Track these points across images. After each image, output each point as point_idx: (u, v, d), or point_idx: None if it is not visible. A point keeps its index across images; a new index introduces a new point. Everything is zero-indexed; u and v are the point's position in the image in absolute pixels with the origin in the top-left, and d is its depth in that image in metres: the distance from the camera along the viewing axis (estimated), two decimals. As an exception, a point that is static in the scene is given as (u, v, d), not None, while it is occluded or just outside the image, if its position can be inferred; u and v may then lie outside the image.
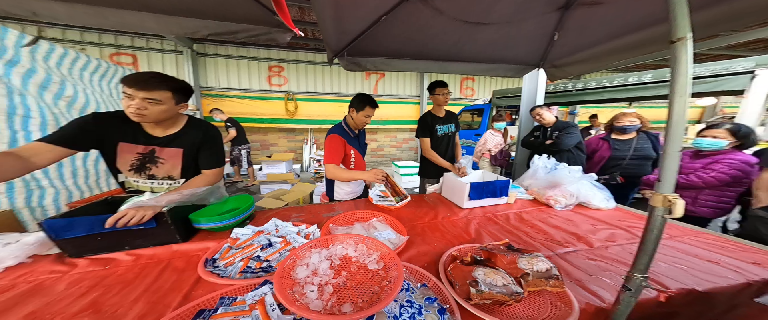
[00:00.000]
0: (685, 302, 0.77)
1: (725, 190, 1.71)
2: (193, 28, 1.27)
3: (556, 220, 1.32)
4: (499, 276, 0.74)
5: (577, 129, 2.54)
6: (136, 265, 0.94)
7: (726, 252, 1.00)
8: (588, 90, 3.76)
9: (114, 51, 5.26)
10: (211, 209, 1.27)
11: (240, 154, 4.77)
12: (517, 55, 1.86)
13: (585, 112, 6.70)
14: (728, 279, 0.82)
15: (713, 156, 1.74)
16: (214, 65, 5.95)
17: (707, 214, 1.77)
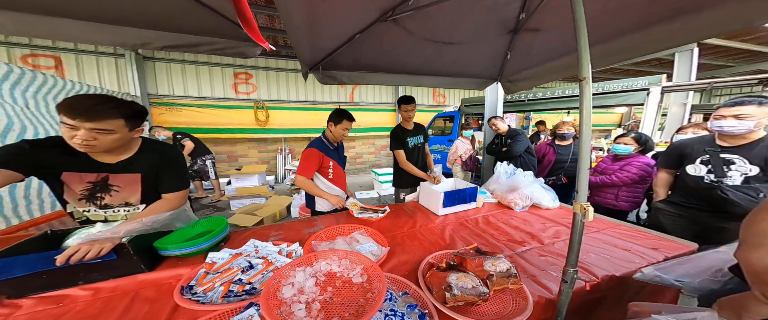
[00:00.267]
0: (608, 287, 0.95)
1: (636, 187, 2.09)
2: (143, 40, 1.18)
3: (515, 221, 1.49)
4: (469, 279, 0.84)
5: (524, 136, 2.92)
6: (97, 299, 0.88)
7: (636, 240, 1.23)
8: (536, 100, 4.36)
9: (28, 52, 4.35)
10: (178, 234, 1.21)
11: (205, 166, 4.29)
12: (478, 70, 2.06)
13: (538, 117, 7.48)
14: (636, 263, 1.03)
15: (626, 159, 2.13)
16: (167, 71, 5.33)
17: (626, 208, 2.14)
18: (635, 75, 7.64)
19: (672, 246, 1.18)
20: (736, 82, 3.15)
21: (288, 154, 6.42)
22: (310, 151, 1.69)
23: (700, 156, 1.49)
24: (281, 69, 6.17)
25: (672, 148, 1.70)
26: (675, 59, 4.15)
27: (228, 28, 1.22)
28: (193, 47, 1.27)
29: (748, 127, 1.31)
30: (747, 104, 1.31)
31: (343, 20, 1.28)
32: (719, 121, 1.38)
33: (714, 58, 6.39)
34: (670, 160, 1.66)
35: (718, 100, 9.28)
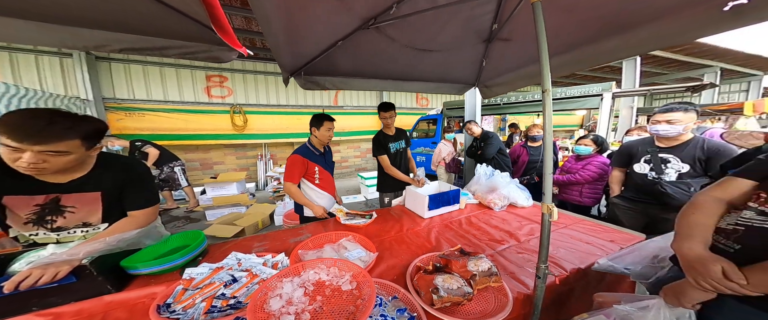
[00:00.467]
0: (575, 279, 1.04)
1: (596, 184, 2.32)
2: (96, 42, 1.06)
3: (495, 221, 1.58)
4: (454, 280, 0.88)
5: (496, 139, 3.11)
6: (58, 325, 0.81)
7: (596, 234, 1.36)
8: (511, 103, 4.76)
9: None
10: (148, 252, 1.14)
11: (173, 173, 3.89)
12: (457, 76, 2.16)
13: (512, 119, 7.89)
14: (597, 255, 1.14)
15: (586, 159, 2.36)
16: (125, 72, 4.81)
17: (589, 203, 2.37)
18: (593, 80, 8.39)
19: (625, 237, 1.32)
20: (670, 88, 3.68)
21: (269, 160, 6.12)
22: (293, 157, 1.72)
23: (643, 155, 1.69)
24: (260, 72, 5.88)
25: (622, 148, 1.91)
26: (623, 67, 4.68)
27: (200, 31, 1.14)
28: (159, 51, 1.17)
29: (678, 130, 1.52)
30: (676, 111, 1.52)
31: (324, 27, 1.28)
32: (656, 125, 1.59)
33: (653, 66, 7.22)
34: (621, 159, 1.86)
35: (658, 103, 10.48)
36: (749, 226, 0.63)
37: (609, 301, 0.78)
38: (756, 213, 0.63)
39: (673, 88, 3.62)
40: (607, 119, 3.74)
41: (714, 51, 5.73)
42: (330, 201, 1.93)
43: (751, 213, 0.64)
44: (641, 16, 1.13)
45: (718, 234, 0.68)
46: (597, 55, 1.40)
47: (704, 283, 0.61)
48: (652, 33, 1.14)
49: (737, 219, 0.66)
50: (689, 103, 1.54)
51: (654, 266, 0.86)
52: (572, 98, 4.00)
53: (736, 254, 0.62)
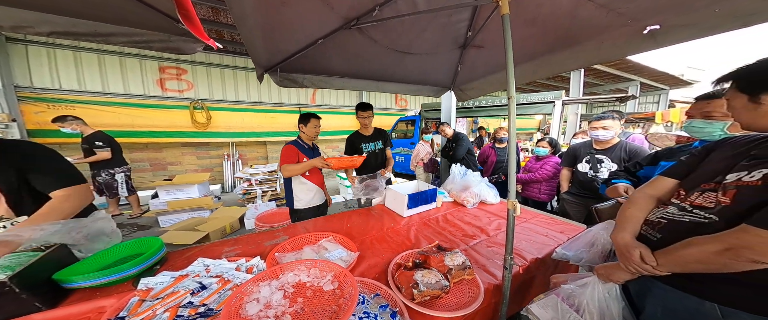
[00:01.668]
0: (536, 268, 1.16)
1: (551, 182, 2.60)
2: (17, 22, 0.90)
3: (468, 217, 1.66)
4: (433, 274, 0.91)
5: (464, 140, 3.32)
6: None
7: (550, 226, 1.52)
8: (481, 107, 5.11)
9: None
10: (89, 262, 1.01)
11: (114, 181, 3.42)
12: (435, 79, 2.24)
13: (483, 121, 8.38)
14: (550, 245, 1.28)
15: (544, 159, 2.63)
16: (49, 58, 4.02)
17: (546, 199, 2.65)
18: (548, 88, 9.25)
19: (571, 228, 1.50)
20: (604, 98, 4.33)
21: (238, 160, 5.59)
22: (287, 147, 1.85)
23: (585, 156, 1.95)
24: (228, 66, 5.34)
25: (569, 150, 2.17)
26: (571, 77, 5.28)
27: (155, 18, 1.02)
28: (102, 37, 1.03)
29: (611, 135, 1.79)
30: (607, 118, 1.81)
31: (305, 25, 1.24)
32: (594, 131, 1.86)
33: (593, 77, 8.27)
34: (568, 159, 2.12)
35: (596, 110, 11.99)
36: (670, 219, 0.73)
37: (560, 281, 0.91)
38: (678, 209, 0.73)
39: (606, 98, 4.28)
40: (558, 123, 4.20)
41: (636, 67, 6.83)
42: (319, 194, 2.02)
43: (674, 209, 0.74)
44: (584, 33, 1.33)
45: (646, 225, 0.79)
46: (552, 65, 1.60)
47: (629, 266, 0.73)
48: (593, 48, 1.35)
49: (663, 213, 0.76)
50: (618, 111, 1.82)
51: (593, 251, 1.01)
52: (531, 104, 4.42)
53: (657, 242, 0.73)
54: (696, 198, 0.70)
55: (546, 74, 1.71)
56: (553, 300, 0.84)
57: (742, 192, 0.60)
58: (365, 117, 2.20)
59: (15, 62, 3.84)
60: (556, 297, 0.85)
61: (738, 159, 0.68)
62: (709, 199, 0.67)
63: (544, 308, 0.84)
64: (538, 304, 0.85)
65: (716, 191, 0.66)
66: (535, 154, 2.72)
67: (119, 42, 1.06)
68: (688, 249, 0.63)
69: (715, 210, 0.64)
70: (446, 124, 3.54)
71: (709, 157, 0.78)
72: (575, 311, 0.80)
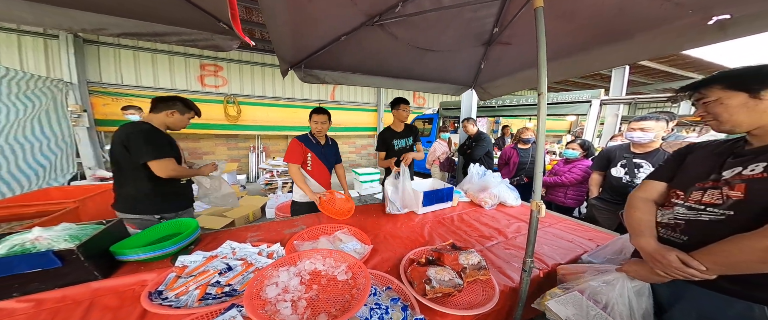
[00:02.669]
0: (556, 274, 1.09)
1: (581, 187, 2.42)
2: (94, 25, 1.04)
3: (485, 218, 1.63)
4: (446, 272, 0.91)
5: (485, 141, 3.20)
6: (42, 310, 0.79)
7: (577, 232, 1.44)
8: (505, 106, 4.86)
9: None
10: (138, 239, 1.13)
11: None
12: (455, 77, 2.19)
13: (505, 121, 8.11)
14: (576, 252, 1.21)
15: (573, 162, 2.46)
16: (115, 57, 4.65)
17: (572, 205, 2.47)
18: (583, 87, 8.63)
19: (603, 236, 1.40)
20: (653, 98, 3.90)
21: (262, 152, 5.98)
22: (293, 141, 1.83)
23: (620, 160, 1.80)
24: (257, 63, 5.75)
25: (602, 153, 2.01)
26: (612, 75, 4.84)
27: (201, 19, 1.13)
28: (159, 37, 1.16)
29: (650, 137, 1.64)
30: (648, 119, 1.64)
31: (330, 21, 1.28)
32: (631, 132, 1.70)
33: (640, 76, 7.52)
34: (600, 163, 1.97)
35: (641, 112, 10.92)
36: (687, 220, 0.73)
37: (570, 272, 0.89)
38: (687, 209, 0.74)
39: (655, 98, 3.84)
40: (593, 125, 3.88)
41: (696, 63, 6.03)
42: (320, 191, 1.94)
43: (683, 209, 0.75)
44: (635, 26, 1.20)
45: (664, 229, 0.79)
46: (591, 62, 1.48)
47: (668, 270, 0.70)
48: (644, 42, 1.22)
49: (674, 214, 0.77)
50: (666, 112, 1.64)
51: (616, 259, 0.98)
52: (563, 103, 4.12)
53: (684, 244, 0.72)
54: (701, 196, 0.72)
55: (583, 72, 1.59)
56: (575, 297, 0.81)
57: (754, 186, 0.63)
58: (408, 110, 2.15)
59: (89, 61, 4.49)
60: (579, 295, 0.82)
61: (723, 157, 0.74)
62: (715, 196, 0.69)
63: (564, 305, 0.81)
64: (557, 301, 0.82)
65: (718, 188, 0.69)
66: (563, 156, 2.55)
67: (171, 40, 1.19)
68: (732, 246, 0.61)
69: (726, 205, 0.66)
70: (471, 121, 3.39)
71: (687, 161, 0.83)
72: (602, 309, 0.77)
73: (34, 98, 2.55)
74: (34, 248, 0.88)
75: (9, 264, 0.82)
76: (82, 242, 0.91)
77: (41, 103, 2.63)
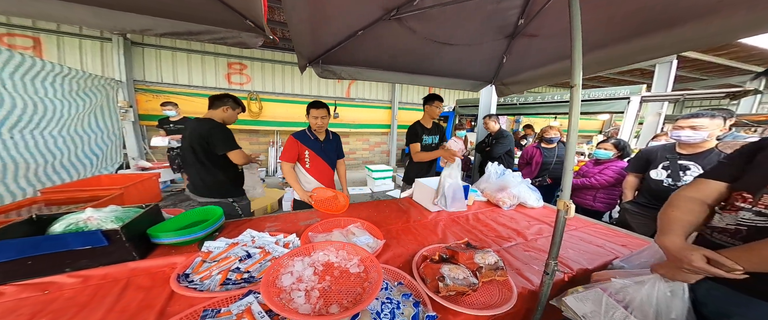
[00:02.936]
0: (582, 279, 1.02)
1: (613, 190, 2.24)
2: (141, 26, 1.15)
3: (503, 219, 1.57)
4: (461, 270, 0.89)
5: (507, 139, 3.06)
6: (87, 287, 0.87)
7: (608, 237, 1.34)
8: (527, 104, 4.54)
9: (4, 31, 4.14)
10: (170, 223, 1.21)
11: None
12: (474, 72, 2.12)
13: (527, 120, 7.69)
14: (606, 258, 1.13)
15: (605, 163, 2.28)
16: (156, 57, 5.15)
17: (601, 209, 2.30)
18: (618, 84, 7.97)
19: (638, 243, 1.29)
20: (706, 94, 3.39)
21: (281, 147, 6.29)
22: (289, 138, 1.82)
23: (662, 162, 1.64)
24: (277, 61, 6.05)
25: (640, 154, 1.84)
26: (655, 70, 4.38)
27: (230, 17, 1.20)
28: (195, 36, 1.25)
29: (702, 137, 1.45)
30: (701, 116, 1.46)
31: (348, 16, 1.29)
32: (678, 131, 1.52)
33: (690, 70, 6.77)
34: (637, 164, 1.81)
35: (688, 111, 9.79)
36: (751, 226, 0.67)
37: (605, 277, 0.83)
38: (754, 215, 0.68)
39: (710, 94, 3.35)
40: (631, 124, 3.55)
41: (765, 54, 5.25)
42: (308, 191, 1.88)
43: (749, 215, 0.68)
44: (687, 13, 1.03)
45: (721, 234, 0.73)
46: (631, 54, 1.31)
47: (688, 268, 0.68)
48: (697, 29, 1.04)
49: (738, 219, 0.70)
50: (721, 109, 1.46)
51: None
52: (596, 100, 3.79)
53: None
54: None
55: (621, 64, 1.43)
56: (596, 294, 0.77)
57: None
58: (440, 107, 2.12)
59: (135, 61, 5.00)
60: (600, 292, 0.77)
61: None
62: None
63: (582, 301, 0.77)
64: (575, 297, 0.78)
65: None
66: (593, 156, 2.37)
67: (204, 39, 1.27)
68: None
69: None
70: (494, 117, 3.26)
71: (758, 159, 0.74)
72: (623, 307, 0.73)
73: (92, 95, 2.86)
74: (86, 227, 0.98)
75: (64, 240, 0.91)
76: (125, 223, 0.99)
77: (97, 99, 2.95)
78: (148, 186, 2.33)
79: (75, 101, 2.59)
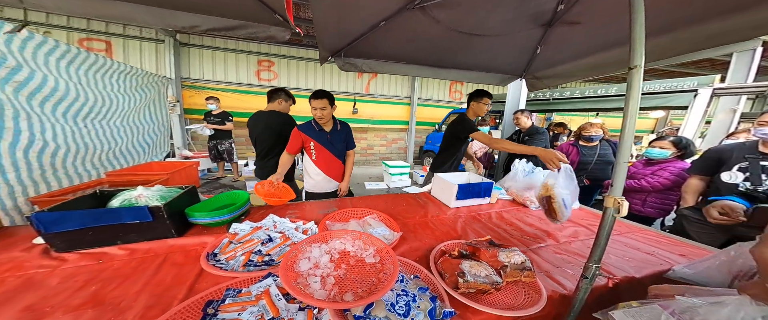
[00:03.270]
0: (627, 287, 0.92)
1: (668, 194, 1.97)
2: (191, 23, 1.27)
3: (530, 219, 1.46)
4: (483, 268, 0.84)
5: (543, 136, 2.81)
6: (132, 260, 0.95)
7: (660, 245, 1.18)
8: (563, 99, 4.10)
9: (84, 36, 4.93)
10: (204, 205, 1.29)
11: (231, 148, 4.69)
12: (502, 65, 1.99)
13: (560, 119, 7.14)
14: (657, 267, 0.99)
15: (660, 164, 2.00)
16: (199, 56, 5.73)
17: (653, 214, 2.03)
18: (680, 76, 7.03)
19: (700, 252, 1.13)
20: None
21: None
22: (293, 129, 1.80)
23: (738, 162, 1.41)
24: (301, 57, 6.36)
25: (709, 153, 1.60)
26: (732, 60, 3.62)
27: (262, 13, 1.28)
28: (231, 30, 1.34)
29: None
30: None
31: (371, 6, 1.28)
32: (764, 127, 1.31)
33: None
34: (705, 166, 1.58)
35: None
36: None
37: (666, 293, 0.69)
38: None
39: None
40: (697, 121, 3.03)
41: None
42: (326, 181, 1.87)
43: None
44: None
45: None
46: (702, 38, 1.11)
47: None
48: None
49: None
50: None
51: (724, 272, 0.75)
52: (653, 94, 3.27)
53: None
54: None
55: (690, 50, 1.21)
56: (653, 310, 0.64)
57: None
58: (487, 105, 2.02)
59: (182, 60, 5.60)
60: (659, 308, 0.65)
61: None
62: None
63: (634, 318, 0.66)
64: (626, 312, 0.66)
65: None
66: (645, 156, 2.11)
67: (240, 34, 1.35)
68: None
69: None
70: (526, 113, 3.00)
71: None
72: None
73: (146, 90, 3.22)
74: (136, 203, 1.09)
75: (118, 214, 1.01)
76: (167, 201, 1.08)
77: (150, 94, 3.30)
78: (189, 173, 2.56)
79: (133, 96, 2.92)
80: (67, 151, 1.98)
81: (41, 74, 1.81)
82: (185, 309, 0.70)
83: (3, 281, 0.81)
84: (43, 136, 1.77)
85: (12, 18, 4.33)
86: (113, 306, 0.73)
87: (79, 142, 2.17)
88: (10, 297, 0.75)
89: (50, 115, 1.88)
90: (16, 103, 1.63)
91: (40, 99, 1.81)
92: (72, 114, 2.08)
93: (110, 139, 2.56)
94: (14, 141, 1.59)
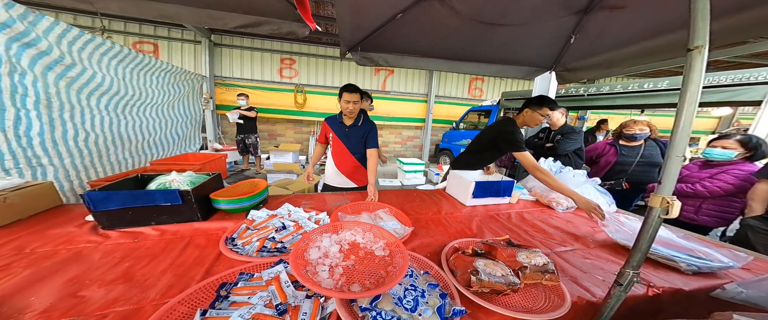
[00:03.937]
0: (672, 300, 0.81)
1: (731, 200, 1.70)
2: (222, 19, 1.36)
3: (556, 221, 1.36)
4: (499, 267, 0.79)
5: (579, 135, 2.51)
6: (162, 240, 1.02)
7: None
8: (601, 95, 3.67)
9: (137, 39, 5.61)
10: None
11: (257, 142, 5.02)
12: (529, 57, 1.85)
13: (595, 117, 6.57)
14: (712, 280, 0.87)
15: (721, 166, 1.74)
16: (229, 55, 6.16)
17: (709, 223, 1.77)
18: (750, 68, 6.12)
19: (764, 266, 0.97)
20: None
21: None
22: (322, 121, 1.86)
23: None
24: (321, 55, 6.56)
25: None
26: None
27: (284, 10, 1.33)
28: (256, 27, 1.40)
29: None
30: None
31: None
32: None
33: None
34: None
35: None
36: None
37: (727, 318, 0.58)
38: None
39: None
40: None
41: None
42: (335, 173, 1.83)
43: None
44: None
45: None
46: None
47: None
48: None
49: None
50: None
51: None
52: (717, 87, 2.75)
53: None
54: None
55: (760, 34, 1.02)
56: None
57: None
58: (544, 116, 1.64)
59: (215, 60, 6.09)
60: None
61: None
62: None
63: None
64: None
65: None
66: (703, 156, 1.83)
67: (263, 31, 1.41)
68: None
69: None
70: (561, 110, 2.64)
71: None
72: None
73: (182, 86, 3.50)
74: (170, 187, 1.16)
75: (153, 195, 1.09)
76: (195, 186, 1.15)
77: (184, 89, 3.58)
78: (219, 163, 2.77)
79: (168, 91, 3.21)
80: (105, 140, 2.26)
81: (91, 71, 2.05)
82: (200, 290, 0.73)
83: (57, 252, 0.91)
84: (84, 126, 2.03)
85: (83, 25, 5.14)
86: (140, 282, 0.78)
87: (122, 131, 2.43)
88: (59, 268, 0.83)
89: (94, 107, 2.14)
90: (64, 97, 1.86)
91: (86, 92, 2.06)
92: (112, 106, 2.37)
93: (146, 130, 2.84)
94: (64, 131, 1.84)
